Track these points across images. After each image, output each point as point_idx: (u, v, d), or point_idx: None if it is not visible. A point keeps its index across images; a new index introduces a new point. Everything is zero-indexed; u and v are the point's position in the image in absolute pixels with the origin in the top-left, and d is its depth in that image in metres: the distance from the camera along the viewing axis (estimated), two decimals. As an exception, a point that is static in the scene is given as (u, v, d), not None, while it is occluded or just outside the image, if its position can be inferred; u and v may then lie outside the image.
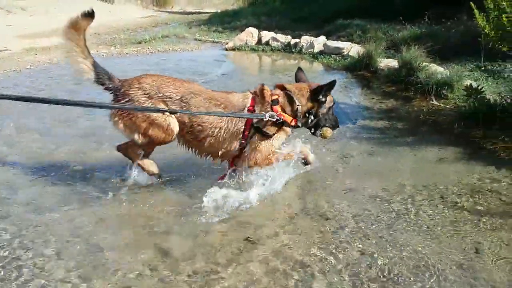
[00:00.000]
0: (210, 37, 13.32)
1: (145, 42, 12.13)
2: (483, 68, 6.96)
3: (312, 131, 3.59)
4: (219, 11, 22.60)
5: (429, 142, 4.43)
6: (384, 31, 10.15)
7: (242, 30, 11.90)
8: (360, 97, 6.48)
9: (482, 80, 6.24)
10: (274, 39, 10.97)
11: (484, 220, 3.01)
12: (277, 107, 3.31)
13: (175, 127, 3.26)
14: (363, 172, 3.88)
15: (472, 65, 7.18)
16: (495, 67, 6.83)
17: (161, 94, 3.21)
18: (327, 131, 3.55)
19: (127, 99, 3.18)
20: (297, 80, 3.68)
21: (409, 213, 3.14)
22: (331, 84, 3.39)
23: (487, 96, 4.77)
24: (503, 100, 4.52)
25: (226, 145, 3.33)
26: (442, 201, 3.30)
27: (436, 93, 5.76)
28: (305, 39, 10.41)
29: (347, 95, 6.56)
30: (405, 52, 6.68)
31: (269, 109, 3.30)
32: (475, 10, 4.46)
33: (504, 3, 4.18)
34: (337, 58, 9.19)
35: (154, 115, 3.17)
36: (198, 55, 10.44)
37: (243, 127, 3.30)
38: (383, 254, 2.66)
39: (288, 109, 3.39)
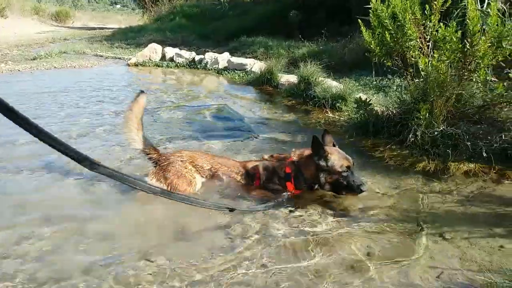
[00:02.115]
0: (112, 53, 12.86)
1: (40, 59, 11.37)
2: (374, 82, 7.49)
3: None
4: (123, 26, 21.97)
5: (326, 153, 4.58)
6: (285, 48, 10.55)
7: (146, 46, 11.63)
8: (264, 111, 6.58)
9: (373, 93, 6.70)
10: (179, 55, 10.86)
11: (375, 224, 3.14)
12: (290, 184, 3.47)
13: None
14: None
15: (366, 80, 7.71)
16: (385, 81, 7.38)
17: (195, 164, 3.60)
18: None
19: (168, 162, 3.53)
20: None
21: (304, 224, 3.16)
22: (314, 143, 3.34)
23: (376, 108, 5.08)
24: (389, 111, 4.83)
25: None
26: (338, 210, 3.38)
27: (331, 106, 6.08)
28: (209, 55, 10.45)
29: (251, 109, 6.64)
30: (303, 68, 6.96)
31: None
32: (362, 27, 4.73)
33: (387, 21, 4.47)
34: (241, 73, 9.34)
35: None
36: (96, 72, 9.98)
37: None
38: (277, 265, 2.63)
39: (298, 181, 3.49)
